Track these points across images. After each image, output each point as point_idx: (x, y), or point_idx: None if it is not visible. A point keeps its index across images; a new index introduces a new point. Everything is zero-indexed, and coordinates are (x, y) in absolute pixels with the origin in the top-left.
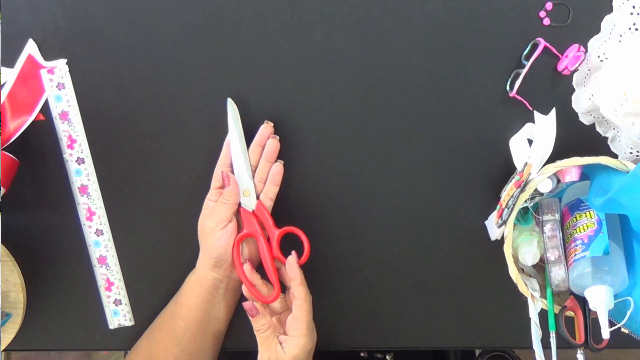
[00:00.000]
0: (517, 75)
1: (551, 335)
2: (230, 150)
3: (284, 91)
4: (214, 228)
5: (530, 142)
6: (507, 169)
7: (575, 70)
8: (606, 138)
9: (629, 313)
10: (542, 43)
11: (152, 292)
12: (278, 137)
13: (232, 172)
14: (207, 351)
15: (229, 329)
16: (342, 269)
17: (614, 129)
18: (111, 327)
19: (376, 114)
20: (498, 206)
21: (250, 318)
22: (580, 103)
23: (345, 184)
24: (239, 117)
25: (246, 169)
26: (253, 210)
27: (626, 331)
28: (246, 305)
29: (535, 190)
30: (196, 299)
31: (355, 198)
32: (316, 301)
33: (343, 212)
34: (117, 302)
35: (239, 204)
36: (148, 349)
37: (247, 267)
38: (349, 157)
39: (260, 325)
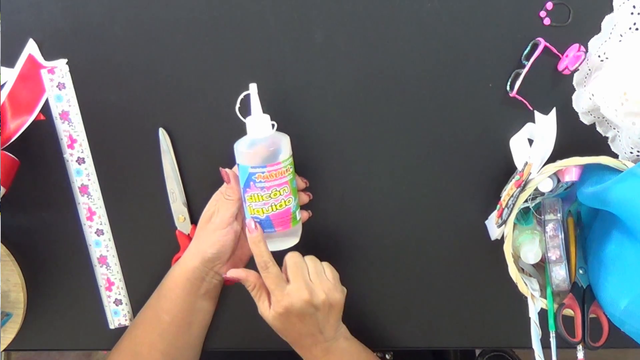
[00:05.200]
0: (518, 75)
1: (551, 335)
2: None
3: (284, 91)
4: (219, 224)
5: (530, 142)
6: (507, 169)
7: (576, 70)
8: (606, 138)
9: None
10: (542, 43)
11: (153, 292)
12: None
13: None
14: (193, 343)
15: (227, 329)
16: (341, 269)
17: (614, 128)
18: (111, 327)
19: (376, 114)
20: (498, 206)
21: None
22: (581, 103)
23: (344, 184)
24: (171, 145)
25: (180, 196)
26: (188, 234)
27: None
28: (228, 277)
29: (537, 190)
30: (181, 292)
31: (355, 198)
32: None
33: (342, 212)
34: (118, 302)
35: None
36: (132, 347)
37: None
38: (348, 156)
39: (247, 286)
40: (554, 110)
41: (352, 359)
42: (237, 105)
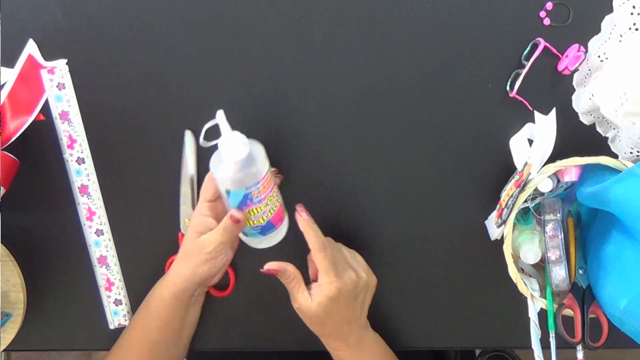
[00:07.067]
0: (517, 76)
1: (551, 335)
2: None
3: (284, 91)
4: (215, 255)
5: (530, 142)
6: (507, 169)
7: (576, 70)
8: (606, 138)
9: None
10: (542, 43)
11: None
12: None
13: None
14: (182, 351)
15: (227, 329)
16: None
17: (614, 129)
18: (111, 327)
19: (376, 115)
20: (498, 206)
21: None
22: (581, 103)
23: (344, 184)
24: (195, 149)
25: (190, 200)
26: None
27: None
28: (265, 271)
29: (537, 190)
30: (171, 311)
31: (355, 198)
32: None
33: (342, 212)
34: (117, 302)
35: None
36: None
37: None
38: (348, 157)
39: (285, 278)
40: (553, 111)
41: (379, 350)
42: (202, 135)
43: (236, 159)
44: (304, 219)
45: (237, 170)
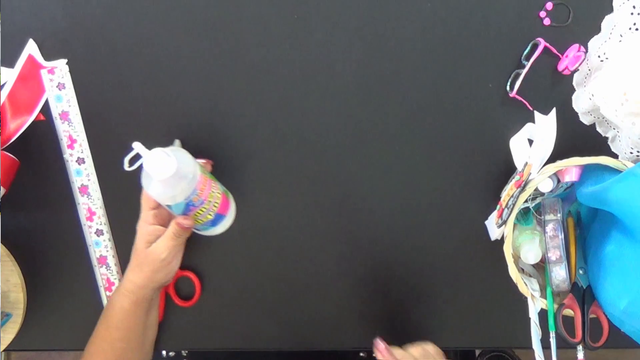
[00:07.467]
0: (518, 76)
1: (551, 335)
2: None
3: (284, 91)
4: (170, 260)
5: (530, 142)
6: (507, 169)
7: (576, 70)
8: (606, 138)
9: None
10: (542, 43)
11: None
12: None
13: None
14: (146, 355)
15: (228, 329)
16: (342, 270)
17: (614, 129)
18: None
19: (376, 115)
20: (498, 206)
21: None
22: (581, 103)
23: (344, 184)
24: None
25: None
26: None
27: None
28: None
29: (537, 190)
30: (134, 318)
31: (355, 198)
32: (317, 301)
33: (342, 213)
34: None
35: None
36: None
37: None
38: (348, 157)
39: None
40: (554, 111)
41: None
42: (127, 164)
43: (165, 176)
44: (385, 355)
45: (170, 185)
